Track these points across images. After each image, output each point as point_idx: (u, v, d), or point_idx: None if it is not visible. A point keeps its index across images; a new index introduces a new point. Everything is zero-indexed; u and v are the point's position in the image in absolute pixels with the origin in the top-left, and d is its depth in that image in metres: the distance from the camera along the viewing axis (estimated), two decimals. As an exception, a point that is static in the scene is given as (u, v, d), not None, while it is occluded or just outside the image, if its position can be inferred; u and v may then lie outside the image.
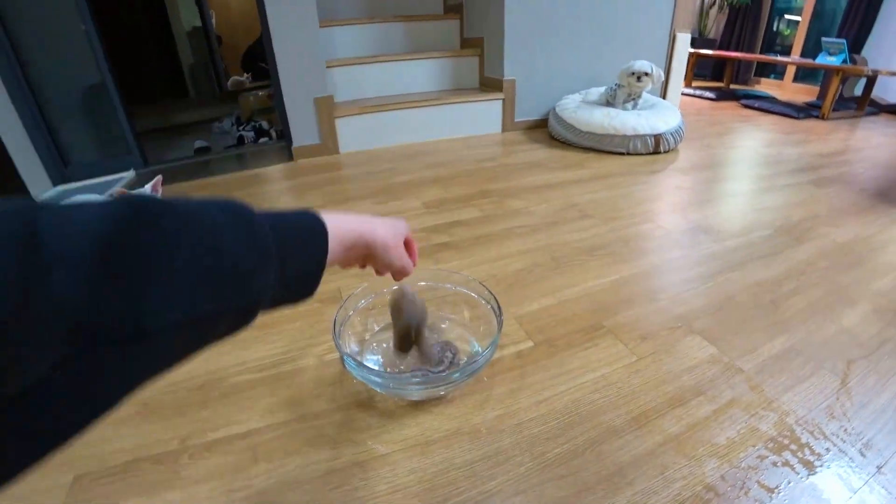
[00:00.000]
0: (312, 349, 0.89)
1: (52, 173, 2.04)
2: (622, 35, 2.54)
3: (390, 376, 0.76)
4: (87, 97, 2.09)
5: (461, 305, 0.89)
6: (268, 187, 1.84)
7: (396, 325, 0.76)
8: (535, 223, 1.41)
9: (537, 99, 2.52)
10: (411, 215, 1.46)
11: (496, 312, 0.79)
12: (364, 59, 2.35)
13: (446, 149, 2.23)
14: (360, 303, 0.88)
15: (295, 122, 2.04)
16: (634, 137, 2.11)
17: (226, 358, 0.87)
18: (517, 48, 2.34)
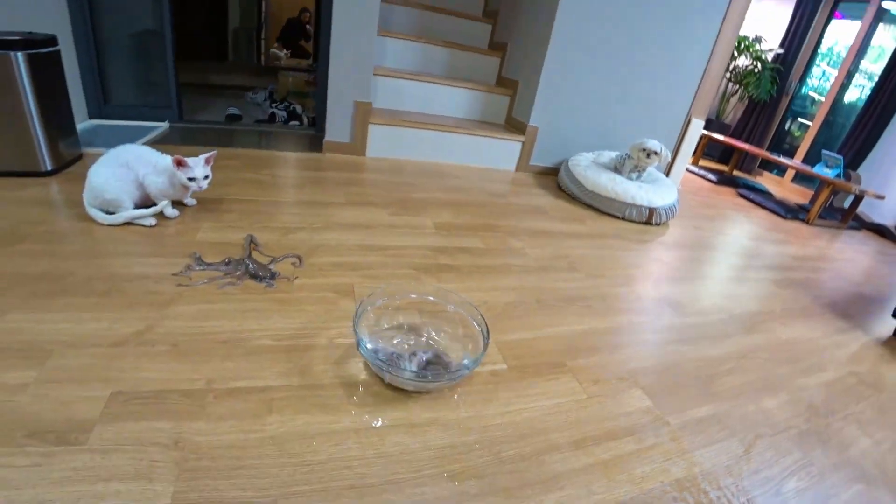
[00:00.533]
0: (325, 332, 1.04)
1: (91, 107, 2.18)
2: (643, 107, 2.76)
3: (393, 366, 0.92)
4: (140, 42, 2.23)
5: (457, 323, 1.06)
6: (292, 172, 2.00)
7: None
8: (528, 265, 1.58)
9: (553, 149, 2.73)
10: (422, 234, 1.62)
11: (484, 336, 0.97)
12: (406, 73, 2.53)
13: (462, 175, 2.40)
14: (378, 301, 1.04)
15: (332, 118, 2.21)
16: (631, 206, 2.32)
17: (250, 322, 1.02)
18: (547, 99, 2.55)
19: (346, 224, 1.58)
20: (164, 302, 1.04)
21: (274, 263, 1.25)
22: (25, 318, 0.93)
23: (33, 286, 1.03)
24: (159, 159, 1.38)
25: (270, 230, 1.45)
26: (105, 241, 1.25)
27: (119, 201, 1.32)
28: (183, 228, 1.38)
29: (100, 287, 1.06)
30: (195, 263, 1.19)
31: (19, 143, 1.53)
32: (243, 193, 1.69)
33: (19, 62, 1.46)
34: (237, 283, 1.14)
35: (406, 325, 1.09)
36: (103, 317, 0.97)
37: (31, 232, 1.24)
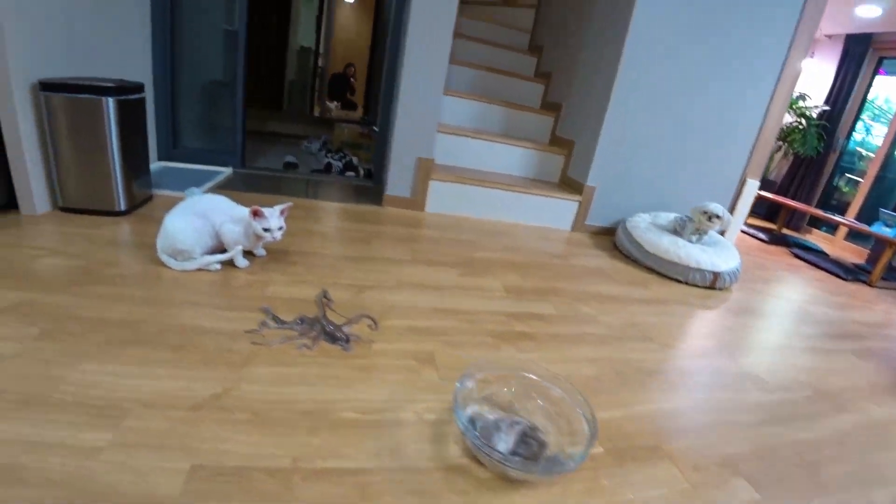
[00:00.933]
0: (411, 405, 0.95)
1: (161, 149, 2.22)
2: (698, 168, 2.70)
3: (487, 438, 0.81)
4: (211, 91, 2.30)
5: (551, 399, 0.96)
6: (354, 225, 1.97)
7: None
8: (602, 334, 1.47)
9: (609, 209, 2.66)
10: (493, 297, 1.54)
11: (588, 421, 0.86)
12: (465, 131, 2.54)
13: (520, 234, 2.34)
14: (476, 374, 0.94)
15: (394, 173, 2.21)
16: (695, 270, 2.21)
17: (332, 390, 0.94)
18: (604, 160, 2.51)
19: (416, 284, 1.51)
20: (240, 361, 0.96)
21: (349, 325, 1.18)
22: (100, 370, 0.87)
23: (108, 333, 0.97)
24: (235, 209, 1.36)
25: (341, 287, 1.39)
26: (176, 287, 1.21)
27: (191, 252, 1.29)
28: (253, 280, 1.33)
29: (173, 339, 0.99)
30: (269, 320, 1.13)
31: (99, 183, 1.54)
32: (309, 245, 1.65)
33: (109, 107, 1.48)
34: (313, 347, 1.07)
35: (501, 399, 0.98)
36: (179, 374, 0.89)
37: (105, 273, 1.21)
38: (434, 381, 1.05)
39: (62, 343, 0.93)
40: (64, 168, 1.51)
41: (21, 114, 1.41)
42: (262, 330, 1.08)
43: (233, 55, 2.25)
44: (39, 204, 1.52)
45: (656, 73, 2.40)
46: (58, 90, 1.44)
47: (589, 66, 2.62)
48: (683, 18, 2.33)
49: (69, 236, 1.41)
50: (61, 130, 1.47)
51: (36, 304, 1.05)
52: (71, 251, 1.32)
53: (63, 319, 1.00)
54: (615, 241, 2.57)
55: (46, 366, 0.86)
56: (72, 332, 0.96)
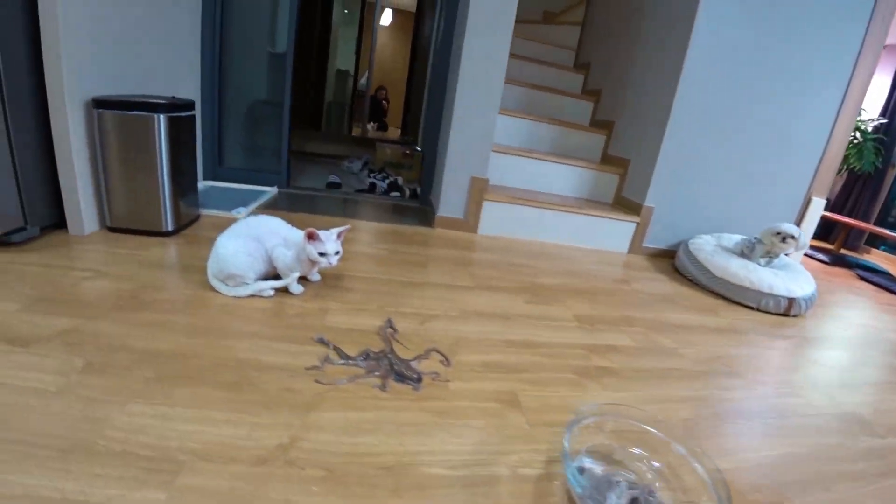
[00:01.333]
0: (503, 457, 0.80)
1: (207, 169, 2.18)
2: (761, 187, 2.52)
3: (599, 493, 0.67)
4: (256, 111, 2.27)
5: (655, 446, 0.81)
6: (407, 248, 1.86)
7: None
8: (687, 368, 1.32)
9: (667, 230, 2.50)
10: (565, 327, 1.40)
11: (715, 480, 0.71)
12: (517, 150, 2.43)
13: (577, 258, 2.19)
14: (583, 421, 0.80)
15: (446, 194, 2.10)
16: (768, 296, 2.03)
17: (412, 440, 0.80)
18: (663, 179, 2.36)
19: (483, 313, 1.38)
20: (304, 404, 0.84)
21: (418, 361, 1.05)
22: (149, 412, 0.75)
23: (157, 367, 0.86)
24: (289, 232, 1.26)
25: (403, 316, 1.26)
26: (228, 315, 1.10)
27: (244, 277, 1.19)
28: (309, 308, 1.22)
29: (229, 376, 0.88)
30: (331, 354, 1.00)
31: (147, 202, 1.47)
32: (363, 269, 1.54)
33: (160, 124, 1.42)
34: (384, 387, 0.93)
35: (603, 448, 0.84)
36: (238, 419, 0.77)
37: (153, 298, 1.12)
38: (523, 428, 0.90)
39: (108, 378, 0.82)
40: (113, 187, 1.45)
41: (74, 132, 1.36)
42: (324, 366, 0.96)
43: (277, 77, 2.22)
44: (88, 223, 1.46)
45: (716, 90, 2.27)
46: (110, 107, 1.39)
47: (643, 84, 2.49)
48: (745, 34, 2.19)
49: (117, 257, 1.33)
50: (112, 148, 1.41)
51: (82, 331, 0.95)
52: (118, 273, 1.23)
53: (109, 350, 0.90)
54: (675, 265, 2.40)
55: (91, 405, 0.75)
56: (118, 365, 0.86)
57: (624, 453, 0.85)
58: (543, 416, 0.95)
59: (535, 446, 0.86)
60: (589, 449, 0.85)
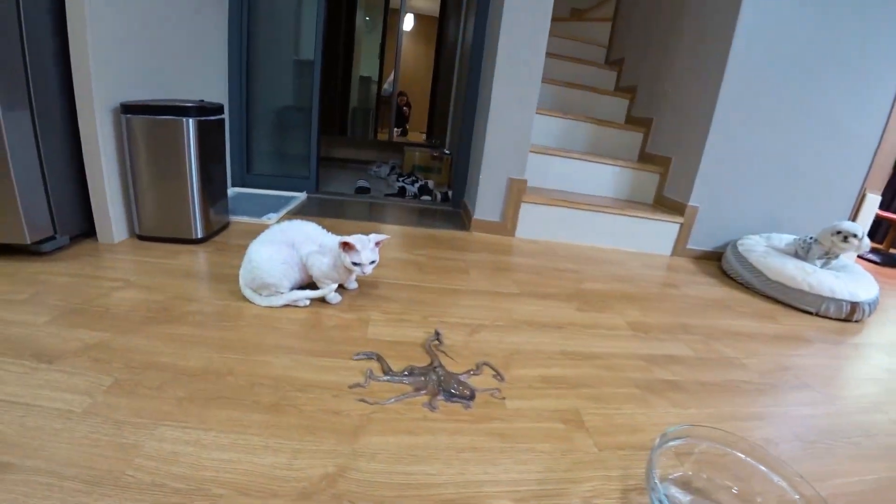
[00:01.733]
0: (575, 487, 0.70)
1: (235, 175, 2.14)
2: (811, 185, 2.36)
3: None
4: (284, 117, 2.23)
5: (746, 475, 0.71)
6: (445, 253, 1.78)
7: None
8: (754, 381, 1.20)
9: (713, 231, 2.35)
10: (620, 336, 1.30)
11: None
12: (554, 150, 2.33)
13: (621, 261, 2.08)
14: (668, 444, 0.70)
15: (482, 196, 2.02)
16: (829, 300, 1.87)
17: (473, 468, 0.71)
18: (707, 178, 2.23)
19: (533, 322, 1.28)
20: (351, 428, 0.75)
21: (469, 376, 0.95)
22: (182, 437, 0.68)
23: (188, 386, 0.79)
24: (325, 238, 1.18)
25: (449, 327, 1.18)
26: (262, 328, 1.03)
27: (278, 286, 1.11)
28: (348, 319, 1.14)
29: (266, 396, 0.80)
30: (377, 369, 0.92)
31: (176, 209, 1.42)
32: (402, 277, 1.46)
33: (189, 128, 1.37)
34: (433, 407, 0.84)
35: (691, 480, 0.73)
36: (278, 445, 0.69)
37: (183, 310, 1.05)
38: (591, 452, 0.80)
39: (137, 398, 0.75)
40: (142, 193, 1.40)
41: (102, 138, 1.32)
42: (367, 384, 0.87)
43: (303, 83, 2.19)
44: (117, 232, 1.42)
45: (764, 81, 2.12)
46: (139, 112, 1.34)
47: (683, 78, 2.36)
48: (794, 20, 2.05)
49: (146, 267, 1.28)
50: (140, 154, 1.37)
51: (110, 346, 0.89)
52: (148, 283, 1.18)
53: (139, 367, 0.83)
54: (723, 267, 2.26)
55: (119, 429, 0.68)
56: (148, 384, 0.79)
57: (708, 481, 0.74)
58: (611, 438, 0.85)
59: (606, 472, 0.76)
60: (671, 477, 0.74)
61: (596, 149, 2.61)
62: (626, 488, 0.74)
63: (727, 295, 1.92)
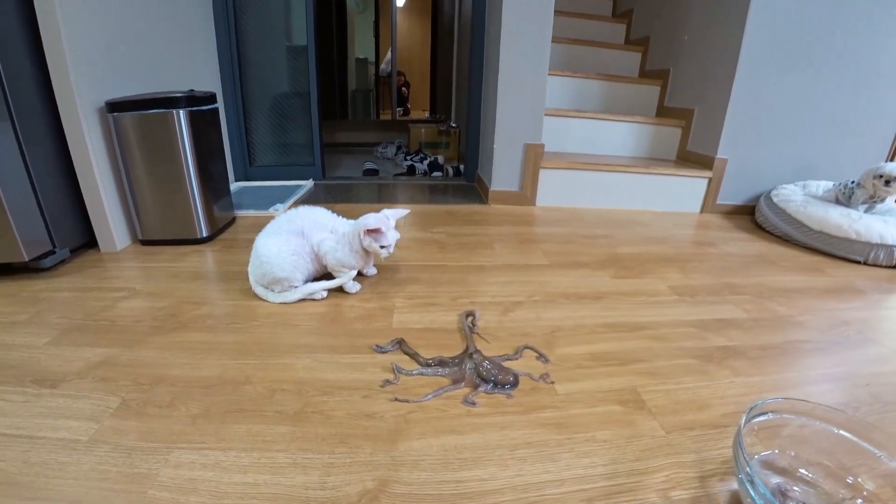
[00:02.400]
0: (647, 478, 0.62)
1: (237, 169, 2.06)
2: (845, 127, 2.19)
3: None
4: (282, 104, 2.13)
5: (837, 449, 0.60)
6: (465, 228, 1.68)
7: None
8: (814, 339, 1.09)
9: (744, 184, 2.21)
10: (664, 302, 1.19)
11: None
12: (565, 111, 2.19)
13: (649, 222, 1.96)
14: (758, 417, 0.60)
15: (498, 165, 1.91)
16: (878, 246, 1.74)
17: (531, 467, 0.62)
18: (736, 127, 2.08)
19: (570, 294, 1.18)
20: (388, 433, 0.67)
21: (506, 359, 0.86)
22: (200, 460, 0.60)
23: (203, 400, 0.71)
24: (337, 223, 1.09)
25: (482, 307, 1.09)
26: (278, 327, 0.94)
27: (291, 280, 1.03)
28: (372, 309, 1.05)
29: (290, 404, 0.72)
30: (410, 363, 0.83)
31: (178, 208, 1.34)
32: (423, 257, 1.37)
33: (181, 120, 1.28)
34: (473, 402, 0.75)
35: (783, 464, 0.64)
36: (307, 461, 0.61)
37: (192, 315, 0.97)
38: (658, 436, 0.71)
39: (148, 419, 0.68)
40: (140, 195, 1.32)
41: (91, 140, 1.23)
42: (397, 379, 0.79)
43: (298, 69, 2.10)
44: (119, 239, 1.34)
45: (791, 19, 1.95)
46: (126, 109, 1.25)
47: (702, 23, 2.19)
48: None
49: (152, 272, 1.20)
50: (134, 154, 1.28)
51: (116, 362, 0.81)
52: (154, 290, 1.10)
53: (147, 383, 0.76)
54: (758, 220, 2.12)
55: (129, 457, 0.61)
56: (159, 401, 0.71)
57: (795, 459, 0.65)
58: (677, 418, 0.76)
59: (678, 458, 0.67)
60: (757, 458, 0.65)
61: (611, 107, 2.47)
62: (704, 475, 0.65)
63: (767, 249, 1.80)
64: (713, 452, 0.69)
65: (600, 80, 2.43)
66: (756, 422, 0.65)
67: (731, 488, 0.63)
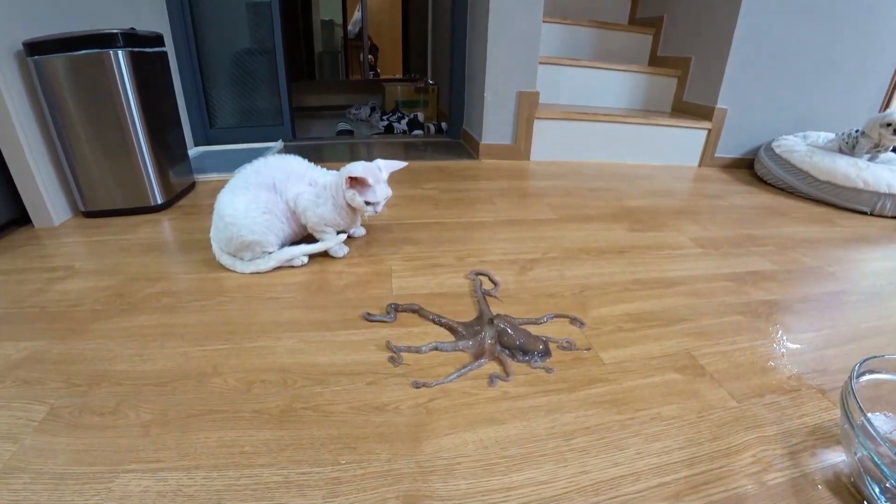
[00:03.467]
0: (730, 461, 0.50)
1: (196, 133, 1.84)
2: (842, 77, 2.10)
3: None
4: (244, 62, 1.92)
5: None
6: (459, 184, 1.53)
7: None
8: (852, 290, 1.00)
9: (742, 136, 2.11)
10: (690, 255, 1.08)
11: None
12: (561, 59, 2.02)
13: (650, 175, 1.84)
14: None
15: (490, 117, 1.75)
16: (886, 196, 1.68)
17: (595, 462, 0.48)
18: (736, 76, 1.96)
19: (590, 249, 1.05)
20: (406, 430, 0.52)
21: (526, 323, 0.72)
22: (155, 487, 0.44)
23: (159, 401, 0.55)
24: (316, 173, 0.91)
25: (494, 266, 0.94)
26: (253, 303, 0.77)
27: (263, 243, 0.85)
28: (365, 274, 0.89)
29: (273, 400, 0.56)
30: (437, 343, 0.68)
31: (124, 173, 1.13)
32: (417, 214, 1.21)
33: (120, 62, 1.06)
34: (507, 377, 0.61)
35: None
36: (305, 478, 0.46)
37: (144, 294, 0.79)
38: (730, 407, 0.59)
39: (85, 433, 0.51)
40: (80, 159, 1.11)
41: (9, 93, 1.01)
42: (399, 360, 0.63)
43: (261, 24, 1.86)
44: (56, 212, 1.13)
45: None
46: (49, 51, 1.02)
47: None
48: None
49: (96, 247, 1.01)
50: (66, 107, 1.06)
51: (45, 358, 0.63)
52: (98, 267, 0.91)
53: (85, 384, 0.58)
54: (758, 173, 2.04)
55: (58, 489, 0.44)
56: (99, 406, 0.54)
57: None
58: (744, 383, 0.64)
59: (760, 433, 0.56)
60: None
61: (603, 55, 2.31)
62: (793, 450, 0.53)
63: (774, 201, 1.72)
64: (794, 422, 0.58)
65: (590, 27, 2.26)
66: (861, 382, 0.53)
67: (828, 463, 0.51)
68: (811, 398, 0.62)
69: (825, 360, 0.71)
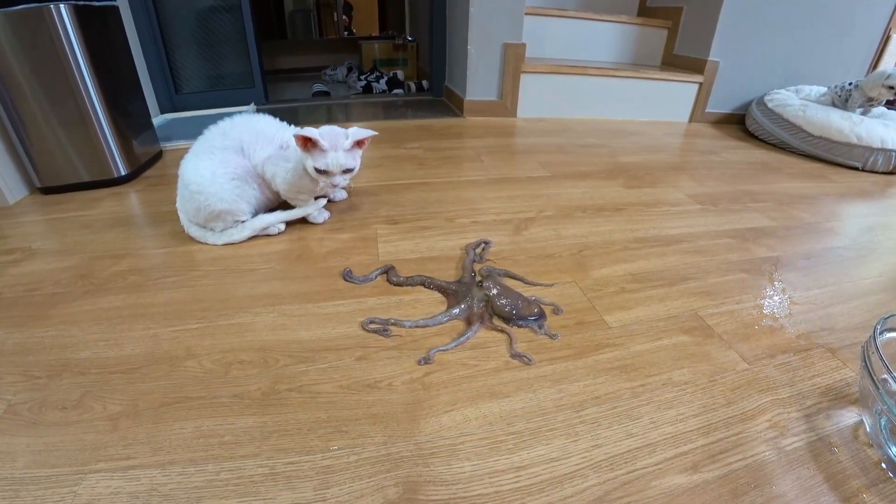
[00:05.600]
0: (746, 426, 0.49)
1: (162, 99, 1.73)
2: (832, 28, 2.04)
3: None
4: (208, 21, 1.77)
5: None
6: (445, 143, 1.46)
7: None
8: (851, 246, 0.99)
9: (733, 91, 2.06)
10: (689, 212, 1.04)
11: None
12: (547, 9, 1.92)
13: (641, 131, 1.79)
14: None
15: (475, 72, 1.67)
16: (878, 151, 1.66)
17: (607, 433, 0.45)
18: (729, 27, 1.88)
19: (586, 207, 1.01)
20: (402, 409, 0.48)
21: (529, 287, 0.68)
22: (127, 488, 0.40)
23: (128, 389, 0.50)
24: (288, 134, 0.83)
25: (487, 227, 0.89)
26: (228, 276, 0.72)
27: (236, 213, 0.78)
28: (348, 240, 0.83)
29: (254, 383, 0.51)
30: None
31: (81, 142, 1.04)
32: (401, 175, 1.15)
33: (64, 19, 0.95)
34: (513, 344, 0.57)
35: None
36: (292, 469, 0.41)
37: (109, 273, 0.73)
38: (741, 370, 0.57)
39: (47, 430, 0.46)
40: (33, 130, 1.01)
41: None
42: (388, 332, 0.59)
43: None
44: (10, 189, 1.04)
45: None
46: (-19, 6, 0.91)
47: None
48: None
49: (55, 225, 0.93)
50: (9, 73, 0.96)
51: (1, 350, 0.58)
52: (57, 247, 0.84)
53: (46, 375, 0.53)
54: (750, 129, 2.00)
55: (18, 497, 0.39)
56: (62, 401, 0.49)
57: None
58: (753, 344, 0.62)
59: (774, 396, 0.53)
60: None
61: (587, 5, 2.21)
62: (808, 412, 0.51)
63: (767, 157, 1.69)
64: (807, 383, 0.55)
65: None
66: (882, 339, 0.51)
67: (844, 424, 0.49)
68: (821, 358, 0.60)
69: (832, 319, 0.68)
